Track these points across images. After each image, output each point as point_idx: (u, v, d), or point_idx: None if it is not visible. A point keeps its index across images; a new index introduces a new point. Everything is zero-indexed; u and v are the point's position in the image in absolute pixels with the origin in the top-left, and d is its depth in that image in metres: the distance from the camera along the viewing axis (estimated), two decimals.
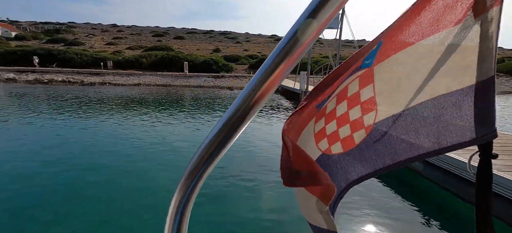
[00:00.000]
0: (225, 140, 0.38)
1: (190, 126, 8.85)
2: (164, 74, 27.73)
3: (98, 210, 3.64)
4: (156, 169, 5.08)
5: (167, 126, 8.65)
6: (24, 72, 24.48)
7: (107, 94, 16.58)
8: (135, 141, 6.76)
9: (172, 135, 7.51)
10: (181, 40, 56.46)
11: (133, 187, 4.32)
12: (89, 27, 66.32)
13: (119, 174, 4.79)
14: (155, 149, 6.23)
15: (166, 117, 10.19)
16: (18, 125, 8.20)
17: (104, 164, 5.24)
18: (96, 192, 4.13)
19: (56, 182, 4.41)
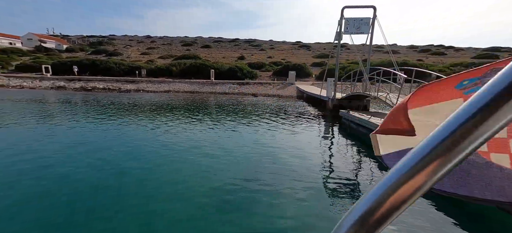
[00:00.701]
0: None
1: (213, 130, 9.06)
2: (192, 82, 29.01)
3: (132, 207, 3.84)
4: (182, 170, 5.24)
5: (192, 130, 8.95)
6: (72, 81, 27.43)
7: (140, 100, 17.79)
8: (164, 144, 7.09)
9: (198, 139, 7.74)
10: (208, 49, 58.81)
11: (162, 186, 4.49)
12: (127, 39, 72.45)
13: (148, 174, 5.04)
14: (181, 151, 6.46)
15: (192, 121, 10.58)
16: (65, 127, 9.14)
17: (134, 165, 5.56)
18: (130, 190, 4.37)
19: (94, 179, 4.77)
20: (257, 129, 9.66)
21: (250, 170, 5.52)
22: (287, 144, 7.71)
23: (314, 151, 7.22)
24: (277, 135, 8.83)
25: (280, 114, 13.28)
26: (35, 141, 7.36)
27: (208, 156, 6.36)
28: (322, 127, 10.74)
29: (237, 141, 7.83)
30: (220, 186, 4.66)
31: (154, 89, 25.90)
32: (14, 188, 4.43)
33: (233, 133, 8.92)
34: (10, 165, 5.42)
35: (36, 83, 26.09)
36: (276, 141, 7.94)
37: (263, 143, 7.63)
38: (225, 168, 5.59)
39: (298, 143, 7.95)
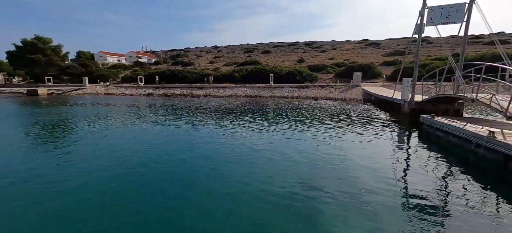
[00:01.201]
0: None
1: (272, 133, 9.08)
2: (252, 86, 30.32)
3: (198, 200, 4.22)
4: (243, 171, 5.43)
5: (252, 133, 9.24)
6: (157, 88, 33.05)
7: (207, 105, 19.76)
8: (227, 145, 7.58)
9: (256, 142, 7.92)
10: (268, 54, 60.38)
11: (225, 185, 4.76)
12: (198, 50, 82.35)
13: (213, 172, 5.45)
14: (242, 153, 6.73)
15: (252, 124, 10.95)
16: (150, 127, 11.02)
17: (201, 162, 6.12)
18: (196, 184, 4.83)
19: (167, 172, 5.50)
20: (317, 134, 9.18)
21: (310, 177, 5.25)
22: (353, 151, 6.99)
23: (386, 161, 6.28)
24: (340, 141, 8.14)
25: (343, 119, 12.24)
26: (131, 138, 9.16)
27: (268, 159, 6.41)
28: (395, 133, 9.29)
29: (296, 146, 7.62)
30: (280, 191, 4.59)
31: (219, 94, 28.34)
32: (110, 176, 5.58)
33: (292, 137, 8.74)
34: (111, 157, 6.88)
35: (134, 91, 32.65)
36: (339, 148, 7.32)
37: (324, 149, 7.17)
38: (284, 173, 5.50)
39: (365, 150, 7.09)
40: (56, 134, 10.08)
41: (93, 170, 5.71)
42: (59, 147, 7.92)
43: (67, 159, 6.69)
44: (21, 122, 12.75)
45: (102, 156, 6.83)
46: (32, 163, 6.27)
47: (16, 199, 4.39)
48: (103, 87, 36.35)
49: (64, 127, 11.35)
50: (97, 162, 6.29)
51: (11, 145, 8.20)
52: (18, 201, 4.32)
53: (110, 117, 14.14)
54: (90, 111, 16.51)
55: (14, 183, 5.04)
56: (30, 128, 11.05)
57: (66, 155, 7.01)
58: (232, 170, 5.75)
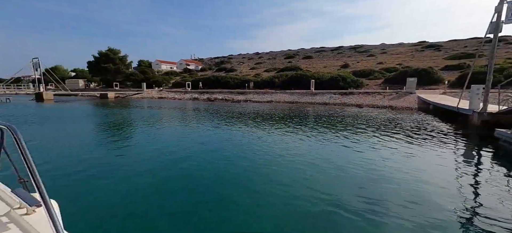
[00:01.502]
0: None
1: (309, 140, 8.71)
2: (292, 92, 29.94)
3: (240, 199, 4.28)
4: (281, 176, 5.33)
5: (289, 139, 9.03)
6: (202, 93, 35.45)
7: (247, 109, 20.24)
8: (264, 149, 7.58)
9: (293, 148, 7.69)
10: (309, 60, 58.98)
11: (262, 187, 4.74)
12: (240, 57, 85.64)
13: (251, 174, 5.49)
14: (279, 158, 6.62)
15: (289, 130, 10.73)
16: (194, 129, 11.81)
17: (241, 164, 6.23)
18: (236, 185, 4.92)
19: (209, 172, 5.76)
20: (361, 143, 8.45)
21: (352, 189, 4.83)
22: (406, 166, 6.19)
23: (449, 180, 5.36)
24: (390, 153, 7.31)
25: (393, 129, 11.01)
26: (176, 137, 9.97)
27: (306, 166, 6.16)
28: (461, 149, 7.89)
29: (338, 154, 7.14)
30: (320, 201, 4.34)
31: (259, 100, 28.79)
32: (157, 171, 6.12)
33: (332, 145, 8.23)
34: (159, 152, 7.57)
35: (182, 96, 35.71)
36: (388, 160, 6.58)
37: (370, 160, 6.53)
38: (323, 182, 5.20)
39: (422, 166, 6.20)
40: (119, 131, 11.66)
41: (145, 161, 6.39)
42: (120, 141, 9.14)
43: (126, 151, 7.65)
44: (94, 121, 15.18)
45: (152, 150, 7.60)
46: (99, 153, 7.36)
47: (91, 180, 5.20)
48: (157, 92, 40.74)
49: (125, 125, 13.05)
50: (148, 155, 7.02)
51: (87, 138, 9.81)
52: (93, 181, 5.10)
53: (161, 118, 15.72)
54: (145, 113, 18.67)
55: (89, 168, 5.97)
56: (101, 125, 13.06)
57: (125, 148, 8.03)
58: (270, 174, 5.69)
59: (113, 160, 7.02)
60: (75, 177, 5.59)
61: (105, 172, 5.91)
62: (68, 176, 5.64)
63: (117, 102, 30.55)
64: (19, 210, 1.46)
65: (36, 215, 1.42)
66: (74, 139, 9.82)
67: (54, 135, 10.71)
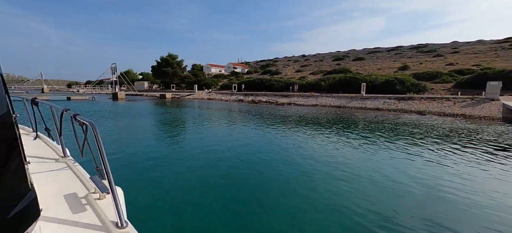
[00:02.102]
0: None
1: (354, 147, 7.99)
2: (339, 96, 28.22)
3: (282, 201, 4.27)
4: (324, 183, 5.06)
5: (332, 144, 8.49)
6: (247, 95, 36.59)
7: (290, 113, 19.96)
8: (305, 154, 7.32)
9: (337, 154, 7.19)
10: (361, 61, 54.68)
11: (304, 192, 4.59)
12: (286, 60, 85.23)
13: (292, 176, 5.39)
14: (322, 164, 6.30)
15: (333, 135, 10.10)
16: (237, 130, 12.27)
17: (282, 168, 6.17)
18: (278, 186, 4.90)
19: (253, 171, 5.88)
20: (421, 155, 7.35)
21: (408, 208, 4.24)
22: (485, 188, 5.13)
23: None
24: (461, 169, 6.16)
25: (466, 142, 9.25)
26: (222, 135, 10.53)
27: (352, 176, 5.71)
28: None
29: (390, 166, 6.39)
30: (367, 216, 3.97)
31: (303, 103, 28.07)
32: (202, 169, 6.55)
33: (383, 155, 7.39)
34: (207, 149, 8.10)
35: (228, 97, 37.60)
36: (457, 178, 5.56)
37: (431, 176, 5.64)
38: (372, 195, 4.72)
39: (509, 190, 5.03)
40: (173, 127, 13.01)
41: (193, 157, 6.96)
42: (174, 137, 10.19)
43: (178, 146, 8.49)
44: (154, 118, 17.31)
45: (200, 147, 8.22)
46: (156, 147, 8.36)
47: (156, 170, 5.96)
48: (206, 94, 43.88)
49: (179, 123, 14.47)
50: (196, 151, 7.63)
51: (147, 132, 11.27)
52: (151, 171, 5.84)
53: (208, 118, 16.87)
54: (195, 113, 20.33)
55: (147, 160, 6.85)
56: (159, 122, 14.82)
57: (178, 143, 8.92)
58: (312, 181, 5.48)
59: (167, 153, 7.85)
60: (136, 167, 6.46)
61: (160, 164, 6.65)
62: (131, 165, 6.56)
63: (173, 102, 34.14)
64: (94, 195, 1.72)
65: (106, 201, 1.65)
66: (138, 132, 11.38)
67: (123, 128, 12.62)
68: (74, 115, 1.74)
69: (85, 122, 1.60)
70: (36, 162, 2.33)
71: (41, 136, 3.31)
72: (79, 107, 23.62)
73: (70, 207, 1.55)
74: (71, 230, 1.33)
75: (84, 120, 1.62)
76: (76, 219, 1.43)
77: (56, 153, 2.63)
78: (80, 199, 1.66)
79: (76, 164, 2.29)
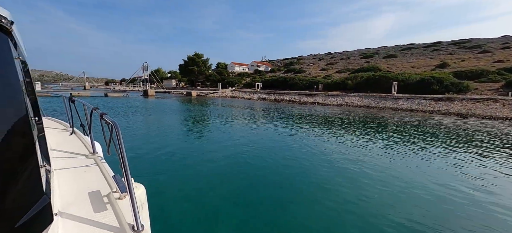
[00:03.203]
0: None
1: (383, 150, 7.43)
2: (367, 96, 26.73)
3: (311, 200, 4.15)
4: (351, 188, 4.80)
5: (358, 147, 8.02)
6: (269, 94, 36.44)
7: (314, 112, 19.39)
8: (329, 155, 7.02)
9: (363, 158, 6.77)
10: (392, 59, 51.19)
11: (327, 195, 4.41)
12: (311, 58, 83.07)
13: (315, 179, 5.20)
14: (347, 168, 5.98)
15: (359, 137, 9.55)
16: (259, 128, 12.24)
17: (303, 169, 5.99)
18: (302, 187, 4.78)
19: (269, 165, 5.81)
20: (466, 164, 6.62)
21: (450, 222, 3.83)
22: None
23: None
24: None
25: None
26: (244, 135, 10.59)
27: (380, 180, 5.34)
28: None
29: (424, 173, 5.84)
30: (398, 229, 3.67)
31: (328, 103, 27.12)
32: (227, 164, 6.62)
33: (416, 161, 6.79)
34: (229, 144, 8.21)
35: (251, 96, 37.80)
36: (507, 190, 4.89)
37: (481, 187, 5.04)
38: (402, 203, 4.36)
39: None
40: (197, 124, 13.43)
41: (216, 153, 7.11)
42: (198, 134, 10.51)
43: (201, 143, 8.74)
44: (180, 114, 18.06)
45: (223, 142, 8.36)
46: (181, 142, 8.69)
47: (172, 162, 6.22)
48: (230, 92, 44.63)
49: (203, 120, 14.91)
50: (219, 148, 7.77)
51: (173, 128, 11.79)
52: (174, 167, 6.10)
53: (231, 115, 17.11)
54: (219, 110, 20.78)
55: (171, 155, 7.16)
56: (184, 118, 15.42)
57: (201, 139, 9.18)
58: (335, 184, 5.24)
59: (190, 149, 8.11)
60: (160, 161, 6.77)
61: (183, 160, 6.89)
62: (155, 159, 6.88)
63: (198, 99, 35.32)
64: (115, 194, 1.75)
65: (126, 201, 1.66)
66: (164, 128, 11.94)
67: (151, 123, 13.35)
68: (101, 114, 1.80)
69: (110, 121, 1.65)
70: (69, 157, 2.50)
71: (77, 131, 3.55)
72: (114, 104, 25.58)
73: (92, 205, 1.60)
74: (88, 230, 1.35)
75: (109, 119, 1.67)
76: (95, 219, 1.46)
77: (87, 149, 2.80)
78: (102, 197, 1.71)
79: (103, 161, 2.40)
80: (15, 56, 1.05)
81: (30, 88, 2.43)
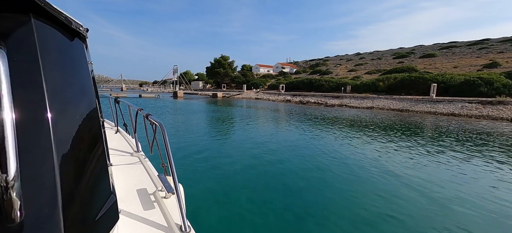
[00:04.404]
0: None
1: (423, 158, 6.73)
2: (401, 98, 24.84)
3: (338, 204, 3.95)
4: (375, 197, 4.43)
5: (395, 153, 7.40)
6: (294, 96, 35.85)
7: (341, 115, 18.55)
8: (359, 161, 6.60)
9: (399, 167, 6.21)
10: (430, 58, 47.04)
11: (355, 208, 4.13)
12: (338, 59, 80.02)
13: (338, 184, 4.92)
14: (373, 174, 5.54)
15: (393, 144, 8.83)
16: (283, 130, 12.04)
17: (325, 173, 5.70)
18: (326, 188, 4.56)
19: (293, 169, 5.62)
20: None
21: None
22: None
23: None
24: None
25: None
26: (268, 137, 10.50)
27: (420, 192, 4.86)
28: None
29: (471, 186, 5.18)
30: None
31: (356, 105, 25.80)
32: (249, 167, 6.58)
33: (466, 171, 6.05)
34: (252, 145, 8.18)
35: (275, 97, 37.59)
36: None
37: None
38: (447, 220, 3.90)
39: None
40: (223, 124, 13.69)
41: (242, 151, 7.12)
42: (224, 133, 10.69)
43: (228, 142, 8.86)
44: (207, 115, 18.61)
45: (247, 143, 8.37)
46: (208, 142, 8.90)
47: (199, 162, 6.39)
48: (254, 93, 44.90)
49: (228, 121, 15.16)
50: (244, 147, 7.79)
51: (201, 128, 12.17)
52: (204, 167, 6.26)
53: (256, 117, 17.14)
54: (244, 112, 20.97)
55: (202, 152, 7.36)
56: (210, 119, 15.84)
57: (227, 140, 9.31)
58: (366, 192, 4.90)
59: (217, 150, 8.25)
60: (191, 161, 6.98)
61: (210, 160, 7.02)
62: (186, 160, 7.11)
63: (223, 101, 36.14)
64: (161, 192, 1.79)
65: (170, 201, 1.70)
66: (192, 127, 12.37)
67: (180, 123, 13.94)
68: (146, 115, 1.85)
69: (155, 122, 1.68)
70: (117, 154, 2.64)
71: (121, 130, 3.78)
72: (147, 104, 27.31)
73: (141, 203, 1.64)
74: (141, 227, 1.39)
75: (155, 120, 1.70)
76: (145, 216, 1.49)
77: (131, 147, 2.93)
78: (149, 195, 1.75)
79: (146, 160, 2.49)
80: (89, 61, 1.09)
81: (96, 90, 2.59)
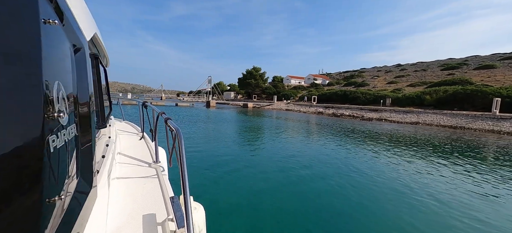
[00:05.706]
0: None
1: (487, 192, 5.45)
2: (454, 114, 21.86)
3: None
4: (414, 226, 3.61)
5: (450, 180, 6.22)
6: (327, 108, 34.34)
7: (380, 130, 16.93)
8: (403, 184, 5.67)
9: (454, 193, 5.13)
10: (488, 70, 41.16)
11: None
12: (375, 70, 75.12)
13: (369, 204, 4.19)
14: (418, 202, 4.62)
15: (448, 167, 7.50)
16: (315, 144, 11.31)
17: (359, 190, 4.97)
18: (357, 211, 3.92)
19: (325, 188, 5.03)
20: None
21: None
22: None
23: None
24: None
25: None
26: (296, 148, 9.94)
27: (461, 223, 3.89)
28: None
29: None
30: None
31: (398, 120, 23.47)
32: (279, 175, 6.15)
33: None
34: (281, 157, 7.73)
35: (307, 109, 36.49)
36: None
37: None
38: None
39: None
40: (252, 134, 13.51)
41: (271, 165, 6.76)
42: (252, 145, 10.46)
43: (257, 153, 8.59)
44: (237, 124, 18.73)
45: (276, 156, 7.97)
46: (236, 152, 8.75)
47: (221, 171, 6.21)
48: (285, 104, 44.33)
49: (258, 131, 14.95)
50: (273, 160, 7.41)
51: (230, 137, 12.16)
52: (229, 179, 6.07)
53: (286, 129, 16.63)
54: (274, 123, 20.61)
55: (230, 163, 7.20)
56: (240, 128, 15.84)
57: (255, 151, 9.05)
58: (410, 221, 4.10)
59: (245, 161, 8.01)
60: (219, 175, 6.83)
61: (238, 172, 6.79)
62: (214, 172, 7.00)
63: (253, 111, 36.33)
64: (171, 223, 1.43)
65: None
66: (221, 136, 12.43)
67: (211, 130, 14.16)
68: (166, 119, 1.65)
69: (173, 127, 1.44)
70: (133, 164, 2.44)
71: (146, 136, 3.56)
72: (181, 112, 28.79)
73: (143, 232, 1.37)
74: None
75: (173, 125, 1.47)
76: None
77: (151, 157, 2.67)
78: (157, 226, 1.45)
79: (164, 174, 2.22)
80: None
81: (108, 95, 2.50)
